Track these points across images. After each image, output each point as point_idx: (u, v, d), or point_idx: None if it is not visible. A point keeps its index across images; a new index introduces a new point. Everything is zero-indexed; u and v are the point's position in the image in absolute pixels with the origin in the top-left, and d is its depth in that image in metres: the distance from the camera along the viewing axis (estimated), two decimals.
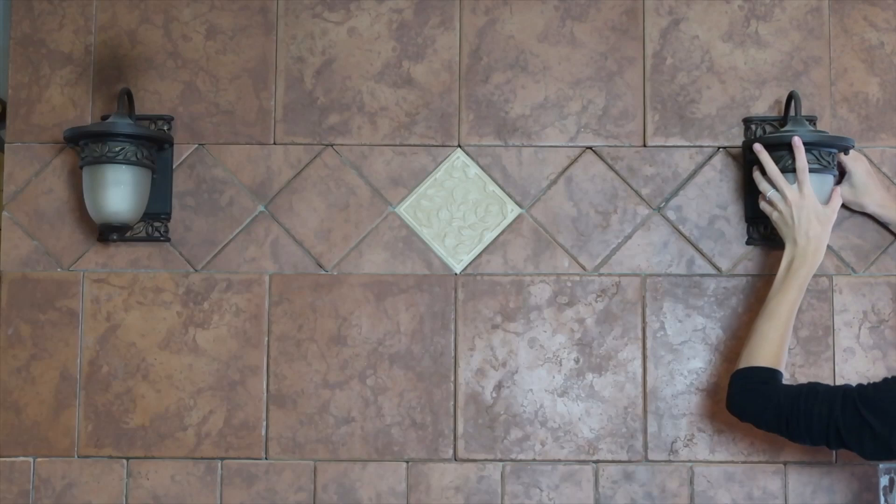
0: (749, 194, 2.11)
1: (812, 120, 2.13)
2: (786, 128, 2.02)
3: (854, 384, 1.84)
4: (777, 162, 1.97)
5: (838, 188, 2.00)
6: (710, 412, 2.10)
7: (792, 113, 2.04)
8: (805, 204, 1.93)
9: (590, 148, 2.16)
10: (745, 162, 2.11)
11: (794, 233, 1.93)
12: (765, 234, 2.11)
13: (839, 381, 2.08)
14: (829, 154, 1.98)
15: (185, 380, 2.13)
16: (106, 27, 2.20)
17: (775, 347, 1.90)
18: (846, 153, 2.01)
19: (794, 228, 1.93)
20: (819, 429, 1.81)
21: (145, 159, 2.05)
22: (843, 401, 1.80)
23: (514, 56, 2.18)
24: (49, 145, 2.18)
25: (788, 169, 1.96)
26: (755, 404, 1.87)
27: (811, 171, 1.94)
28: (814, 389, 1.84)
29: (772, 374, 1.88)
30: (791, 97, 2.05)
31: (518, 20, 2.18)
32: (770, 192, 1.97)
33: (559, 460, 2.10)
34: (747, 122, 2.14)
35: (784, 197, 1.94)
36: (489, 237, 2.15)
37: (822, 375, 2.09)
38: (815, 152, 1.96)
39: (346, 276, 2.14)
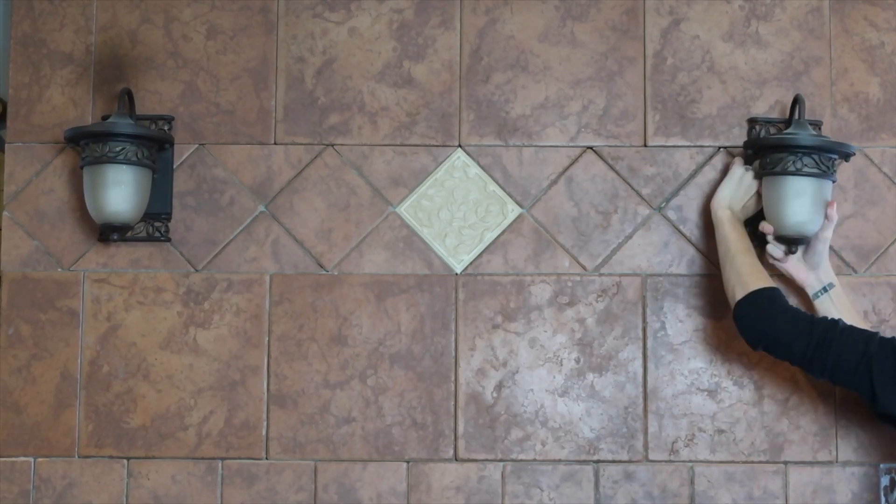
0: None
1: (816, 124, 2.12)
2: (787, 130, 2.01)
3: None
4: (777, 164, 1.96)
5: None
6: (711, 412, 2.10)
7: (796, 116, 2.02)
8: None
9: (590, 148, 2.16)
10: (746, 162, 2.11)
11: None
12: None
13: None
14: (829, 159, 1.97)
15: (185, 380, 2.13)
16: (106, 27, 2.19)
17: (758, 270, 1.93)
18: (847, 160, 2.01)
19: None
20: (849, 363, 1.80)
21: (146, 159, 2.05)
22: (881, 342, 1.80)
23: (514, 56, 2.18)
24: (49, 145, 2.17)
25: (788, 171, 1.95)
26: (775, 325, 1.86)
27: (811, 175, 1.94)
28: (846, 325, 1.85)
29: (775, 291, 1.90)
30: (796, 100, 2.03)
31: (518, 20, 2.18)
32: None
33: (560, 460, 2.11)
34: (752, 122, 2.14)
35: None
36: (490, 237, 2.15)
37: None
38: (816, 157, 1.95)
39: (347, 276, 2.14)
